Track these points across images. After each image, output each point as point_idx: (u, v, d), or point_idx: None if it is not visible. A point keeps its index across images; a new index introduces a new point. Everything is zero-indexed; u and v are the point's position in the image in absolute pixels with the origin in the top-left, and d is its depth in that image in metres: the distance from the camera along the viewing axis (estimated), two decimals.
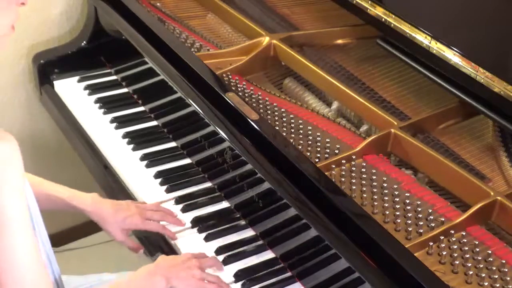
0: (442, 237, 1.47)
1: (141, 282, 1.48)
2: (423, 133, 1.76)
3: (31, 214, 1.33)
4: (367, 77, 1.97)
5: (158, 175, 1.90)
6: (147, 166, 1.93)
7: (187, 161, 1.96)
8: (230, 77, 1.94)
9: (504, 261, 1.44)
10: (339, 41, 2.12)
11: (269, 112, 1.83)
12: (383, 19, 1.88)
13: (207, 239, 1.71)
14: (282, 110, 1.83)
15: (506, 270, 1.43)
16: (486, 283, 1.41)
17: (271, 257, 1.66)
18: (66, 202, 1.70)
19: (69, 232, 2.74)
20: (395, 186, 1.60)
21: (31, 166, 2.63)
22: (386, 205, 1.56)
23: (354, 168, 1.65)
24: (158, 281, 1.48)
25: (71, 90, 2.26)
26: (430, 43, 1.76)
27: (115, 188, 1.95)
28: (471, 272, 1.42)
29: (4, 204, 1.19)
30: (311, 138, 1.74)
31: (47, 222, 1.64)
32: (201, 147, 1.90)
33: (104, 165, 2.02)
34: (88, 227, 2.68)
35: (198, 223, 1.75)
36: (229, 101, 1.73)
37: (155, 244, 1.77)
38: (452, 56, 1.71)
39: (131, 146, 2.01)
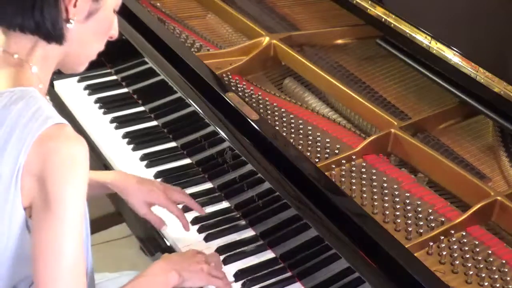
0: (442, 237, 1.47)
1: (157, 279, 1.49)
2: (423, 133, 1.76)
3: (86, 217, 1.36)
4: (367, 77, 1.97)
5: (158, 175, 1.90)
6: (147, 166, 1.93)
7: (187, 161, 1.95)
8: (230, 77, 1.94)
9: (504, 261, 1.44)
10: (339, 41, 2.12)
11: (269, 112, 1.83)
12: (383, 19, 1.88)
13: (207, 239, 1.71)
14: (282, 110, 1.84)
15: (506, 270, 1.43)
16: (486, 283, 1.41)
17: (271, 257, 1.66)
18: (91, 178, 1.69)
19: None
20: (395, 186, 1.60)
21: None
22: (386, 205, 1.56)
23: (354, 168, 1.65)
24: (171, 276, 1.49)
25: (71, 90, 2.26)
26: (430, 43, 1.76)
27: None
28: (471, 272, 1.42)
29: (64, 198, 1.23)
30: (311, 138, 1.74)
31: None
32: (201, 147, 1.90)
33: (104, 165, 2.01)
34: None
35: (198, 223, 1.75)
36: (229, 101, 1.73)
37: (155, 243, 1.77)
38: (452, 56, 1.71)
39: (131, 146, 2.00)
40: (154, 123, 2.10)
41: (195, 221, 1.75)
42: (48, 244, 1.24)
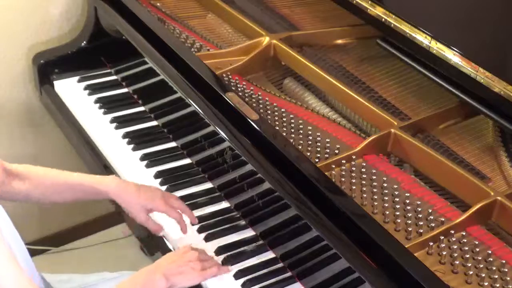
0: (442, 237, 1.47)
1: (142, 281, 1.48)
2: (423, 133, 1.76)
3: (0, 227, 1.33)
4: (367, 77, 1.97)
5: (158, 175, 1.90)
6: (147, 166, 1.93)
7: (187, 161, 1.96)
8: (230, 77, 1.94)
9: (504, 261, 1.44)
10: (339, 41, 2.12)
11: (269, 112, 1.83)
12: (383, 19, 1.88)
13: (207, 239, 1.71)
14: (282, 110, 1.84)
15: (506, 270, 1.43)
16: (486, 283, 1.41)
17: (271, 257, 1.66)
18: (91, 187, 1.66)
19: (69, 232, 2.74)
20: (395, 186, 1.60)
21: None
22: (386, 205, 1.56)
23: (354, 168, 1.65)
24: (157, 280, 1.48)
25: (71, 90, 2.26)
26: (430, 43, 1.76)
27: None
28: (471, 272, 1.42)
29: None
30: (311, 138, 1.74)
31: (47, 222, 1.64)
32: (201, 147, 1.90)
33: (104, 165, 2.02)
34: (88, 227, 2.68)
35: (198, 223, 1.75)
36: (229, 101, 1.73)
37: (155, 243, 1.77)
38: (452, 56, 1.71)
39: (131, 146, 2.01)
40: (154, 123, 2.10)
41: None
42: None
